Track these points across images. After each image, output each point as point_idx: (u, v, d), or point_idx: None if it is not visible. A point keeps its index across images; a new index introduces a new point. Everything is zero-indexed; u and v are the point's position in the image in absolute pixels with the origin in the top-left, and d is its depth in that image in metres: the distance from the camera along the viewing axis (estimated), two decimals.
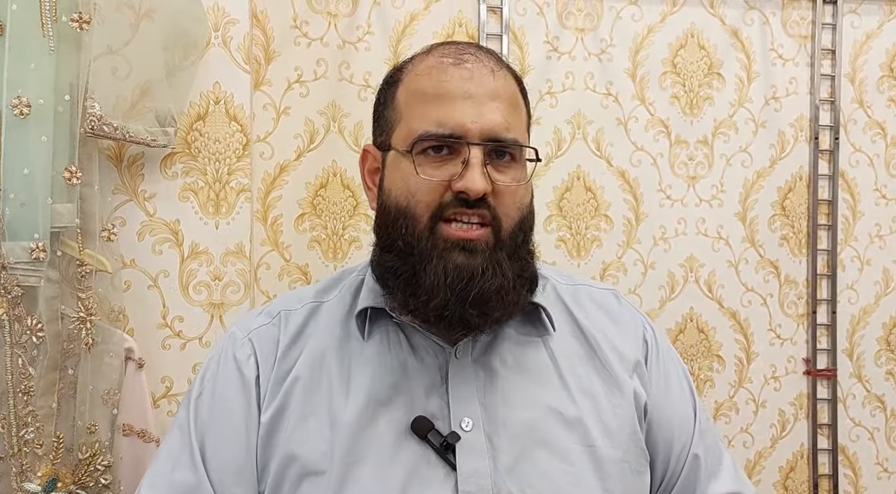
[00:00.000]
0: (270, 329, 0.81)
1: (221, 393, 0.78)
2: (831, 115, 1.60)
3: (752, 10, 1.57)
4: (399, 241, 0.74)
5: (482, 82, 0.75)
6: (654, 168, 1.55)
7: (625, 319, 0.86)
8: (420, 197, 0.73)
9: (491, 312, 0.73)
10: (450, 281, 0.71)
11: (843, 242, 1.62)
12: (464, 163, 0.72)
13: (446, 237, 0.72)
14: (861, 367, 1.63)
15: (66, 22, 1.12)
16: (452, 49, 0.78)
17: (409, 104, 0.77)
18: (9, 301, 1.09)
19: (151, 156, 1.27)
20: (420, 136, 0.74)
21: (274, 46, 1.40)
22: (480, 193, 0.72)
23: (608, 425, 0.77)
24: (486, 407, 0.75)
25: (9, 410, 1.10)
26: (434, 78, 0.76)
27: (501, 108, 0.75)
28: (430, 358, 0.77)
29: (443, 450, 0.71)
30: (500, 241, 0.74)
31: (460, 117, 0.73)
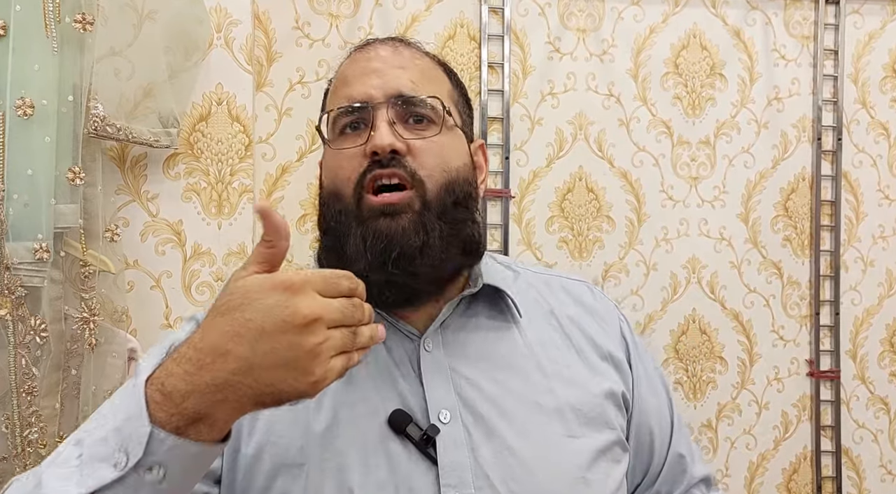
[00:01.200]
0: None
1: None
2: (834, 116, 1.60)
3: (754, 11, 1.57)
4: (332, 221, 0.75)
5: (385, 59, 0.77)
6: (657, 169, 1.55)
7: (600, 311, 0.86)
8: (340, 172, 0.75)
9: (417, 269, 0.71)
10: (369, 245, 0.71)
11: (846, 243, 1.61)
12: (371, 127, 0.73)
13: (370, 205, 0.72)
14: (864, 369, 1.62)
15: (70, 23, 1.12)
16: (365, 44, 0.81)
17: (329, 98, 0.81)
18: (12, 301, 1.10)
19: (154, 156, 1.27)
20: (337, 116, 0.76)
21: (276, 47, 1.40)
22: (387, 148, 0.72)
23: (587, 414, 0.76)
24: (463, 398, 0.73)
25: (12, 410, 1.10)
26: (345, 66, 0.80)
27: (407, 74, 0.76)
28: (401, 349, 0.75)
29: (423, 444, 0.70)
30: (426, 203, 0.72)
31: (363, 88, 0.75)
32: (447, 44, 1.47)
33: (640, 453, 0.84)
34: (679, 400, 1.56)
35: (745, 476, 1.58)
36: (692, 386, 1.56)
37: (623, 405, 0.81)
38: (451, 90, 0.81)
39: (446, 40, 1.47)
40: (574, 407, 0.76)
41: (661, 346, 1.55)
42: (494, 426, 0.73)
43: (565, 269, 1.52)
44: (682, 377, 1.56)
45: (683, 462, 0.86)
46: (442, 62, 0.84)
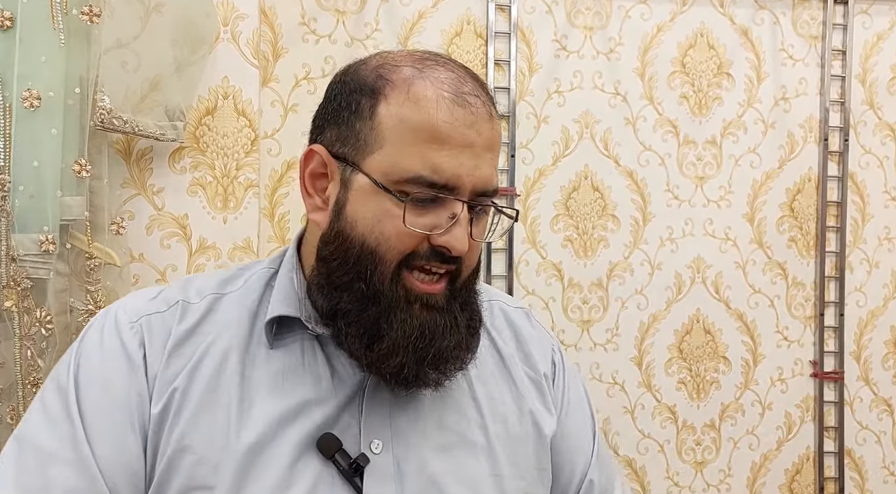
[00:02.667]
0: (166, 317, 0.71)
1: (106, 381, 0.67)
2: (841, 116, 1.59)
3: (762, 10, 1.57)
4: (361, 284, 0.67)
5: (482, 130, 0.68)
6: (662, 168, 1.54)
7: (535, 340, 0.84)
8: (394, 243, 0.67)
9: (448, 371, 0.69)
10: (413, 340, 0.67)
11: (852, 244, 1.61)
12: (451, 218, 0.67)
13: (409, 288, 0.67)
14: (868, 370, 1.62)
15: (77, 15, 1.12)
16: (448, 77, 0.69)
17: (399, 135, 0.67)
18: (18, 293, 1.10)
19: (160, 150, 1.27)
20: (412, 179, 0.66)
21: (282, 43, 1.40)
22: (463, 253, 0.67)
23: (515, 452, 0.75)
24: (397, 430, 0.70)
25: (17, 402, 1.10)
26: (433, 114, 0.66)
27: (494, 161, 0.70)
28: (347, 372, 0.71)
29: (350, 472, 0.67)
30: (454, 292, 0.70)
31: (458, 168, 0.66)
32: (454, 41, 1.47)
33: (559, 481, 0.82)
34: (682, 399, 1.56)
35: (748, 476, 1.58)
36: (696, 385, 1.56)
37: (549, 439, 0.79)
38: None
39: (453, 37, 1.47)
40: (505, 448, 0.75)
41: (665, 346, 1.55)
42: (425, 461, 0.70)
43: (571, 268, 1.52)
44: (685, 377, 1.56)
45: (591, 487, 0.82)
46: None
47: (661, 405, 1.55)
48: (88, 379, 0.67)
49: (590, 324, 1.53)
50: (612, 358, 1.53)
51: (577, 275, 1.52)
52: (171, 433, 0.66)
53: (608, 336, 1.53)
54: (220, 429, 0.67)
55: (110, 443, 0.65)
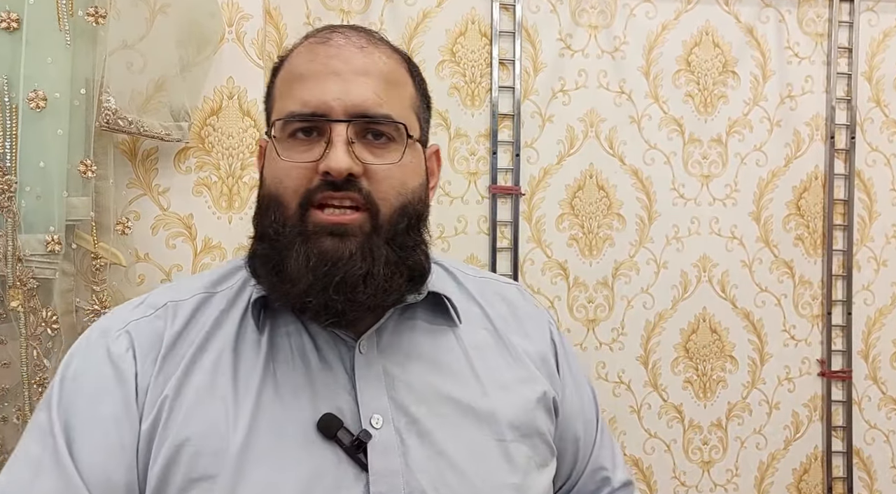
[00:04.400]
0: (154, 321, 0.72)
1: (90, 391, 0.67)
2: (847, 114, 1.58)
3: (767, 8, 1.56)
4: (269, 229, 0.69)
5: (349, 59, 0.70)
6: (668, 166, 1.54)
7: (530, 315, 0.84)
8: (287, 182, 0.68)
9: (357, 297, 0.67)
10: (312, 266, 0.66)
11: (859, 242, 1.60)
12: (327, 143, 0.67)
13: (316, 222, 0.67)
14: (877, 369, 1.61)
15: (83, 16, 1.13)
16: (325, 31, 0.73)
17: (280, 89, 0.73)
18: (24, 293, 1.10)
19: (165, 150, 1.28)
20: (287, 117, 0.69)
21: (287, 43, 1.40)
22: (344, 172, 0.66)
23: (518, 418, 0.75)
24: (396, 402, 0.70)
25: (23, 402, 1.11)
26: (301, 59, 0.71)
27: (371, 84, 0.69)
28: (334, 352, 0.72)
29: (353, 449, 0.67)
30: (376, 227, 0.68)
31: (321, 95, 0.68)
32: (458, 40, 1.47)
33: (564, 457, 0.83)
34: (689, 398, 1.55)
35: (756, 475, 1.57)
36: (702, 384, 1.55)
37: (553, 410, 0.80)
38: (413, 95, 0.75)
39: (457, 37, 1.47)
40: (506, 412, 0.74)
41: (672, 345, 1.55)
42: (427, 430, 0.70)
43: (576, 267, 1.51)
44: (692, 376, 1.55)
45: (604, 471, 0.86)
46: (406, 58, 0.77)
47: (667, 404, 1.54)
48: (73, 389, 0.68)
49: (595, 323, 1.52)
50: (618, 357, 1.53)
51: (583, 274, 1.52)
52: (164, 437, 0.66)
53: (614, 335, 1.53)
54: (219, 419, 0.67)
55: (94, 455, 0.65)
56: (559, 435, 0.82)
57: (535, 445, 0.76)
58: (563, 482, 0.86)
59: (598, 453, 0.86)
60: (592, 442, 0.86)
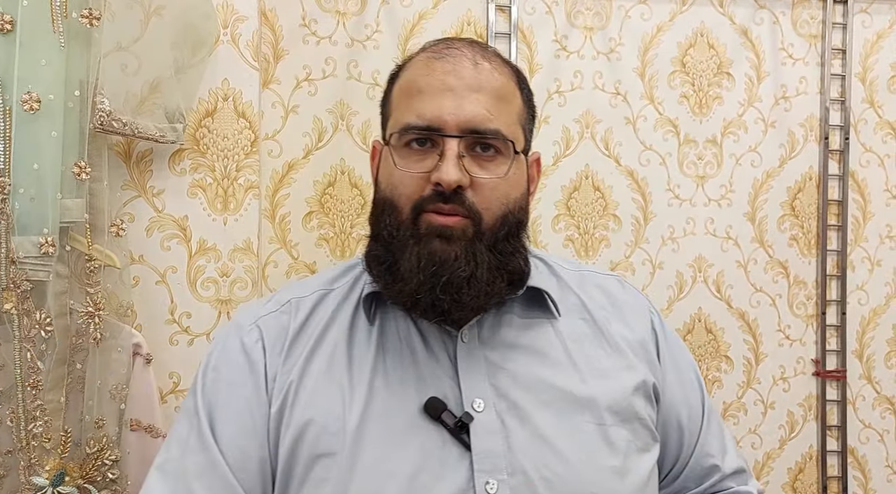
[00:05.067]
0: (280, 316, 0.80)
1: (228, 379, 0.76)
2: (842, 115, 1.59)
3: (761, 10, 1.57)
4: (384, 231, 0.76)
5: (462, 74, 0.75)
6: (663, 167, 1.54)
7: (630, 304, 0.87)
8: (402, 189, 0.75)
9: (462, 299, 0.73)
10: (422, 266, 0.72)
11: (853, 243, 1.61)
12: (440, 156, 0.73)
13: (427, 223, 0.73)
14: (871, 369, 1.61)
15: (77, 18, 1.13)
16: (441, 45, 0.79)
17: (398, 99, 0.79)
18: (18, 295, 1.10)
19: (160, 152, 1.27)
20: (401, 129, 0.75)
21: (283, 44, 1.40)
22: (453, 185, 0.72)
23: (617, 404, 0.77)
24: (497, 388, 0.75)
25: (17, 404, 1.10)
26: (418, 72, 0.77)
27: (483, 100, 0.75)
28: (438, 342, 0.77)
29: (457, 430, 0.72)
30: (479, 233, 0.74)
31: (437, 109, 0.74)
32: None
33: (668, 445, 0.84)
34: None
35: None
36: None
37: (653, 397, 0.82)
38: (521, 108, 0.80)
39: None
40: (605, 398, 0.77)
41: None
42: (527, 413, 0.74)
43: None
44: None
45: (712, 458, 0.86)
46: (515, 70, 0.82)
47: None
48: (213, 378, 0.77)
49: None
50: None
51: None
52: (291, 417, 0.73)
53: None
54: (337, 402, 0.74)
55: (232, 435, 0.74)
56: (662, 422, 0.83)
57: (636, 429, 0.78)
58: (669, 469, 0.86)
59: (705, 440, 0.86)
60: (698, 430, 0.86)
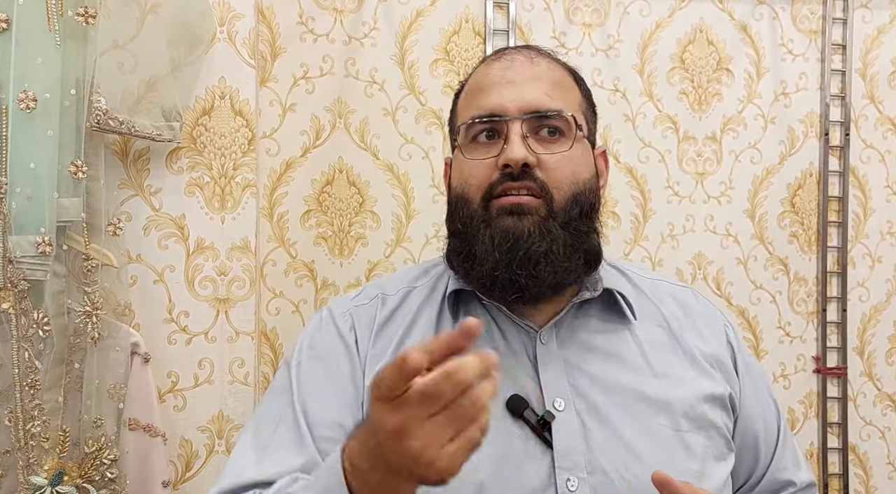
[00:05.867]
0: (369, 308, 0.84)
1: (324, 356, 0.79)
2: (842, 111, 1.58)
3: (761, 5, 1.56)
4: (458, 224, 0.79)
5: (521, 70, 0.79)
6: (662, 164, 1.54)
7: (705, 316, 0.87)
8: (471, 181, 0.78)
9: (540, 274, 0.74)
10: (497, 244, 0.74)
11: (854, 239, 1.60)
12: (505, 140, 0.76)
13: (498, 207, 0.75)
14: (872, 365, 1.61)
15: (73, 16, 1.12)
16: (500, 51, 0.84)
17: (463, 104, 0.84)
18: (15, 295, 1.10)
19: (157, 150, 1.27)
20: (469, 124, 0.79)
21: (280, 42, 1.40)
22: (520, 162, 0.74)
23: (693, 411, 0.78)
24: (576, 389, 0.76)
25: (15, 404, 1.10)
26: (479, 76, 0.82)
27: (542, 86, 0.78)
28: (517, 340, 0.79)
29: (539, 428, 0.73)
30: (551, 212, 0.76)
31: (498, 99, 0.78)
32: (452, 39, 1.46)
33: (743, 457, 0.85)
34: None
35: None
36: None
37: (730, 408, 0.82)
38: (580, 99, 0.83)
39: (451, 35, 1.46)
40: (680, 405, 0.77)
41: None
42: (606, 414, 0.75)
43: None
44: None
45: (786, 472, 0.87)
46: (571, 70, 0.85)
47: None
48: (310, 356, 0.80)
49: None
50: None
51: None
52: None
53: None
54: None
55: (321, 406, 0.76)
56: (739, 433, 0.83)
57: (712, 436, 0.78)
58: (743, 480, 0.87)
59: (781, 454, 0.87)
60: (774, 443, 0.87)
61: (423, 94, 1.45)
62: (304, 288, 1.42)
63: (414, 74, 1.45)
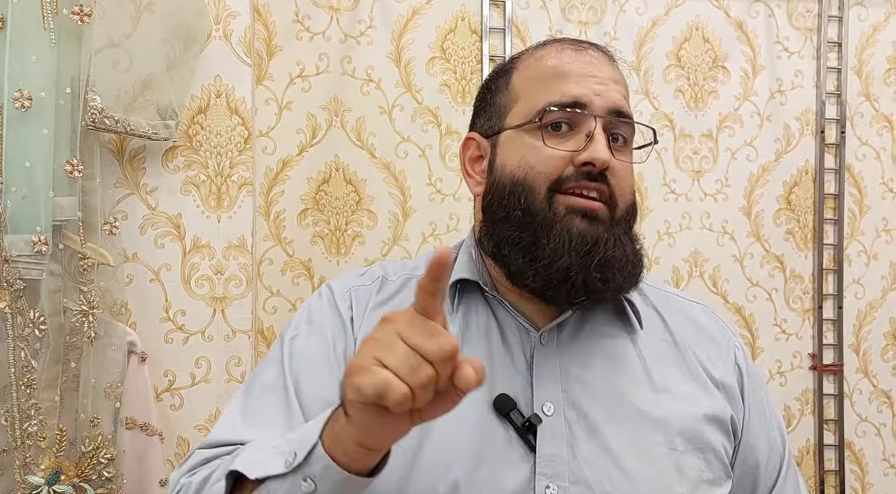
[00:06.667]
0: (369, 288, 0.83)
1: (321, 332, 0.78)
2: (837, 109, 1.58)
3: (757, 3, 1.56)
4: (517, 211, 0.74)
5: (603, 68, 0.77)
6: (659, 162, 1.54)
7: (715, 335, 0.84)
8: (540, 168, 0.74)
9: (613, 278, 0.73)
10: (574, 245, 0.72)
11: (850, 236, 1.60)
12: (588, 137, 0.73)
13: (568, 205, 0.73)
14: (868, 362, 1.61)
15: (67, 15, 1.12)
16: (569, 41, 0.80)
17: (530, 84, 0.78)
18: (11, 294, 1.09)
19: (153, 149, 1.27)
20: (546, 106, 0.75)
21: (276, 41, 1.40)
22: (606, 163, 0.72)
23: (690, 430, 0.74)
24: (568, 394, 0.73)
25: (12, 403, 1.10)
26: (557, 59, 0.77)
27: (621, 90, 0.77)
28: (516, 339, 0.76)
29: (524, 430, 0.71)
30: (614, 219, 0.75)
31: (585, 89, 0.75)
32: (448, 37, 1.46)
33: (741, 484, 0.81)
34: None
35: None
36: None
37: (731, 432, 0.79)
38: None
39: (447, 33, 1.46)
40: (678, 422, 0.74)
41: None
42: (597, 425, 0.72)
43: None
44: None
45: None
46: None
47: None
48: (308, 330, 0.79)
49: None
50: None
51: None
52: None
53: None
54: None
55: (314, 381, 0.75)
56: (740, 460, 0.80)
57: (709, 460, 0.75)
58: None
59: (783, 486, 0.82)
60: (776, 474, 0.82)
61: (419, 92, 1.45)
62: (301, 286, 1.42)
63: (410, 72, 1.45)
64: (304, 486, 0.58)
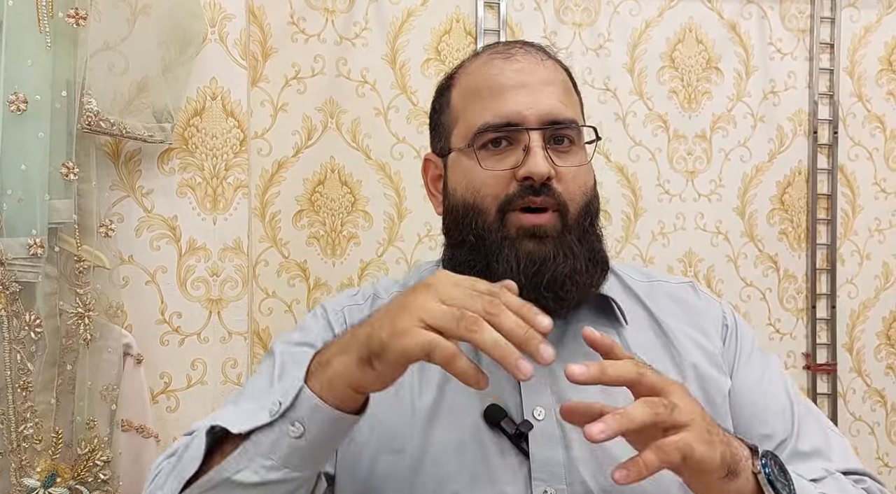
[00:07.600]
0: (362, 307, 0.84)
1: (312, 344, 0.77)
2: (830, 109, 1.59)
3: (750, 4, 1.57)
4: (470, 236, 0.76)
5: (533, 71, 0.76)
6: (653, 163, 1.55)
7: (703, 310, 0.84)
8: (486, 191, 0.75)
9: (566, 296, 0.73)
10: (522, 268, 0.72)
11: (843, 236, 1.61)
12: (524, 150, 0.74)
13: (517, 225, 0.74)
14: (861, 362, 1.62)
15: (63, 18, 1.12)
16: (500, 46, 0.80)
17: (465, 103, 0.79)
18: (7, 297, 1.09)
19: (148, 151, 1.27)
20: (479, 129, 0.75)
21: (271, 43, 1.40)
22: (545, 176, 0.72)
23: None
24: (559, 397, 0.74)
25: (8, 406, 1.10)
26: (486, 73, 0.78)
27: (556, 92, 0.76)
28: None
29: (516, 438, 0.72)
30: (567, 226, 0.74)
31: (515, 106, 0.75)
32: (443, 39, 1.47)
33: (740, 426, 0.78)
34: None
35: None
36: None
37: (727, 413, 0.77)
38: (579, 103, 0.82)
39: (442, 35, 1.47)
40: None
41: None
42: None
43: None
44: None
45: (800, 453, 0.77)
46: (568, 70, 0.83)
47: None
48: (299, 340, 0.80)
49: None
50: None
51: None
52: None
53: None
54: (404, 402, 0.75)
55: None
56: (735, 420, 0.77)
57: None
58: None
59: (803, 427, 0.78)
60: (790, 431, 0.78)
61: (414, 94, 1.46)
62: (297, 288, 1.42)
63: (405, 74, 1.46)
64: (293, 430, 0.58)
